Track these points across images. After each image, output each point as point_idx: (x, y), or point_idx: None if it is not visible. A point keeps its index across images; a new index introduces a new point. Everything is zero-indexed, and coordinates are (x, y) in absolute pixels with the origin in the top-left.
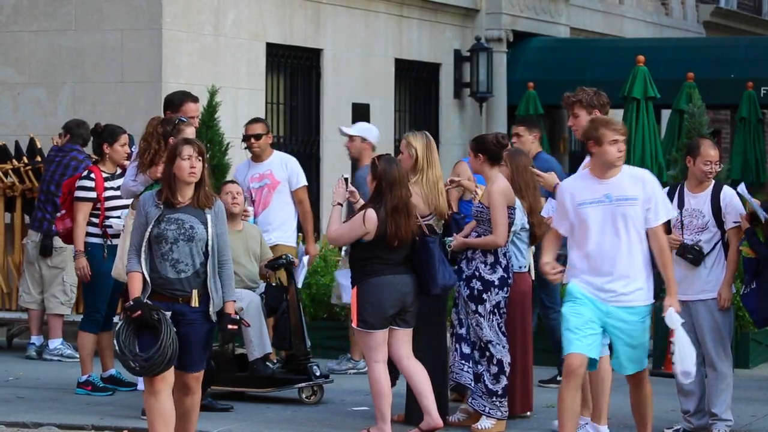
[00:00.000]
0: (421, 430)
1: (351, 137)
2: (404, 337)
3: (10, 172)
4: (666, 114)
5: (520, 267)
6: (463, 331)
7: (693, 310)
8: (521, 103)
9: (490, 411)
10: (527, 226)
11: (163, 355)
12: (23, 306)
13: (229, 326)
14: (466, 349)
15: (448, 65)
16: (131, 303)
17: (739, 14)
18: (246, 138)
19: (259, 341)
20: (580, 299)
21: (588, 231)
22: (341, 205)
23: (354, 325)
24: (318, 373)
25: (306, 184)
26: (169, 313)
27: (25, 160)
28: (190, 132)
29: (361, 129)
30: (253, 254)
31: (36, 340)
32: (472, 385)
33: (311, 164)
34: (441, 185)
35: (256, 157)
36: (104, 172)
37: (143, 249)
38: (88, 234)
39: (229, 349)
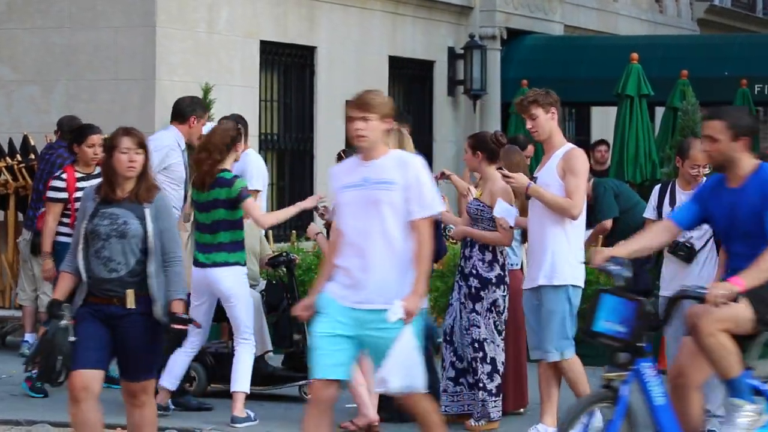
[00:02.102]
0: (354, 424)
1: None
2: None
3: (3, 169)
4: (660, 111)
5: (512, 264)
6: (450, 357)
7: (685, 306)
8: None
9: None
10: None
11: (48, 363)
12: (20, 303)
13: (175, 326)
14: (452, 386)
15: (442, 63)
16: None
17: (733, 12)
18: None
19: (259, 339)
20: (327, 309)
21: (344, 217)
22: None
23: None
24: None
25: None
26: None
27: (19, 157)
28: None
29: None
30: (252, 252)
31: (29, 337)
32: (467, 405)
33: (305, 161)
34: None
35: None
36: (79, 171)
37: (80, 246)
38: (59, 234)
39: (229, 347)
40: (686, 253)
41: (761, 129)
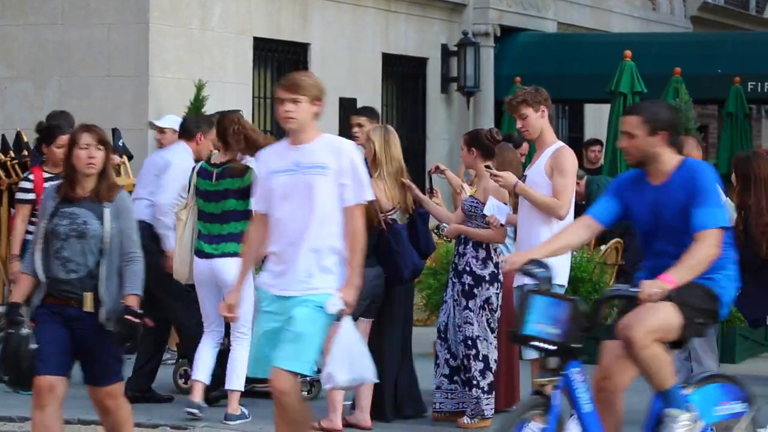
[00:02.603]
0: (348, 422)
1: (162, 129)
2: (365, 328)
3: None
4: None
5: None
6: (445, 356)
7: None
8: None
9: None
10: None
11: (14, 372)
12: None
13: (127, 317)
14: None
15: (435, 60)
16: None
17: (727, 9)
18: None
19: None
20: (262, 304)
21: (276, 202)
22: None
23: None
24: (315, 369)
25: None
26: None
27: (12, 154)
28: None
29: (172, 121)
30: None
31: None
32: (462, 403)
33: None
34: (404, 179)
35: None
36: (47, 172)
37: (38, 246)
38: (29, 233)
39: (224, 344)
40: None
41: (754, 127)
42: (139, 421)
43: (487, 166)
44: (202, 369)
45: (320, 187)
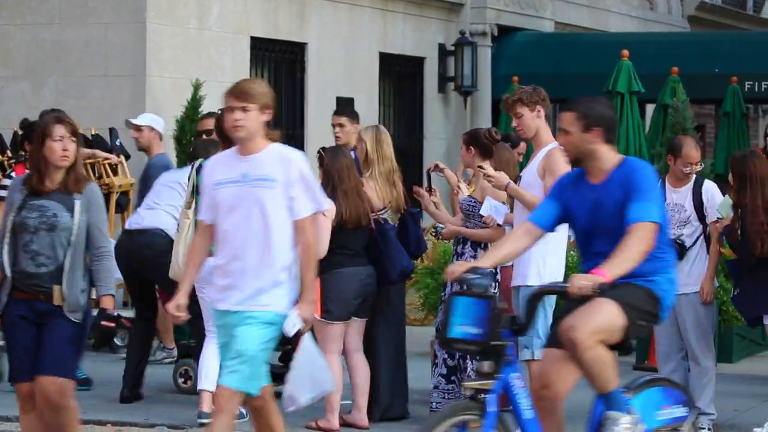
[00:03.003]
0: (345, 422)
1: (139, 127)
2: (359, 328)
3: None
4: (650, 108)
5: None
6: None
7: (675, 304)
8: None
9: None
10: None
11: None
12: None
13: (103, 323)
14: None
15: (432, 59)
16: None
17: (724, 9)
18: (200, 134)
19: None
20: (215, 320)
21: (222, 214)
22: None
23: (317, 315)
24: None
25: None
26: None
27: (9, 153)
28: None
29: (149, 119)
30: None
31: None
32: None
33: None
34: (395, 178)
35: None
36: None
37: (6, 240)
38: None
39: None
40: (677, 250)
41: (751, 126)
42: (136, 421)
43: (480, 167)
44: (210, 378)
45: (268, 200)
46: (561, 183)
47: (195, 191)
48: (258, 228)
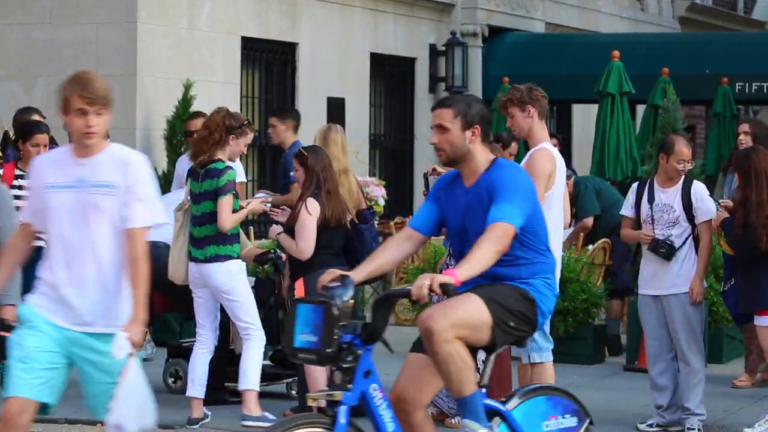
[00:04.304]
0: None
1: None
2: None
3: None
4: (641, 109)
5: None
6: None
7: (665, 304)
8: (496, 98)
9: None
10: None
11: None
12: None
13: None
14: None
15: (423, 60)
16: None
17: (715, 10)
18: (188, 133)
19: None
20: (33, 323)
21: (53, 223)
22: (280, 231)
23: None
24: None
25: (244, 180)
26: None
27: (0, 153)
28: (250, 137)
29: None
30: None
31: None
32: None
33: None
34: (344, 179)
35: None
36: (19, 169)
37: None
38: None
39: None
40: (666, 251)
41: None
42: None
43: None
44: (199, 384)
45: (107, 209)
46: (437, 185)
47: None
48: (94, 239)
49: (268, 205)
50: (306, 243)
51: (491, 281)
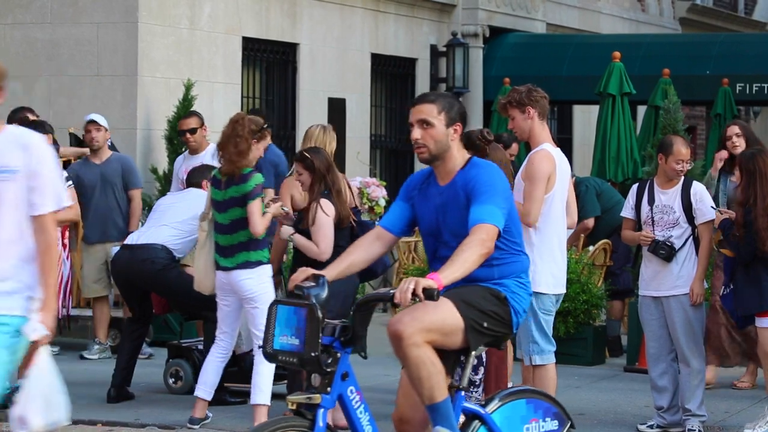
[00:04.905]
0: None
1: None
2: None
3: None
4: (642, 110)
5: None
6: None
7: (665, 306)
8: (497, 99)
9: None
10: None
11: None
12: None
13: None
14: None
15: (424, 60)
16: None
17: (715, 11)
18: (181, 133)
19: (247, 336)
20: None
21: None
22: (294, 231)
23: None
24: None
25: None
26: None
27: None
28: (268, 139)
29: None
30: None
31: None
32: None
33: (287, 158)
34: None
35: (192, 150)
36: None
37: None
38: None
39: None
40: (667, 252)
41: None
42: (126, 420)
43: None
44: (210, 387)
45: (8, 194)
46: (409, 183)
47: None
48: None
49: (285, 209)
50: (327, 244)
51: (463, 283)
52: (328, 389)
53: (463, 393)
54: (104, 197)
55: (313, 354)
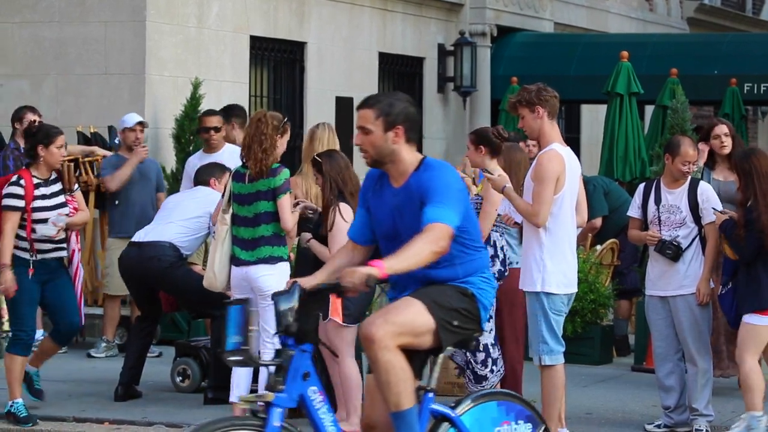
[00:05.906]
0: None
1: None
2: (354, 331)
3: None
4: (649, 110)
5: (512, 263)
6: None
7: (672, 305)
8: (505, 98)
9: None
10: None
11: None
12: None
13: None
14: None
15: (432, 59)
16: None
17: (723, 11)
18: (205, 130)
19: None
20: None
21: None
22: (311, 237)
23: (339, 320)
24: None
25: None
26: None
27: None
28: (287, 135)
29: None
30: None
31: None
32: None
33: (294, 157)
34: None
35: (212, 149)
36: (36, 177)
37: None
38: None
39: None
40: (673, 252)
41: (751, 128)
42: (134, 419)
43: (483, 169)
44: (242, 391)
45: None
46: (364, 187)
47: (231, 198)
48: None
49: (305, 202)
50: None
51: (429, 285)
52: (281, 387)
53: (431, 395)
54: (142, 193)
55: (243, 348)
